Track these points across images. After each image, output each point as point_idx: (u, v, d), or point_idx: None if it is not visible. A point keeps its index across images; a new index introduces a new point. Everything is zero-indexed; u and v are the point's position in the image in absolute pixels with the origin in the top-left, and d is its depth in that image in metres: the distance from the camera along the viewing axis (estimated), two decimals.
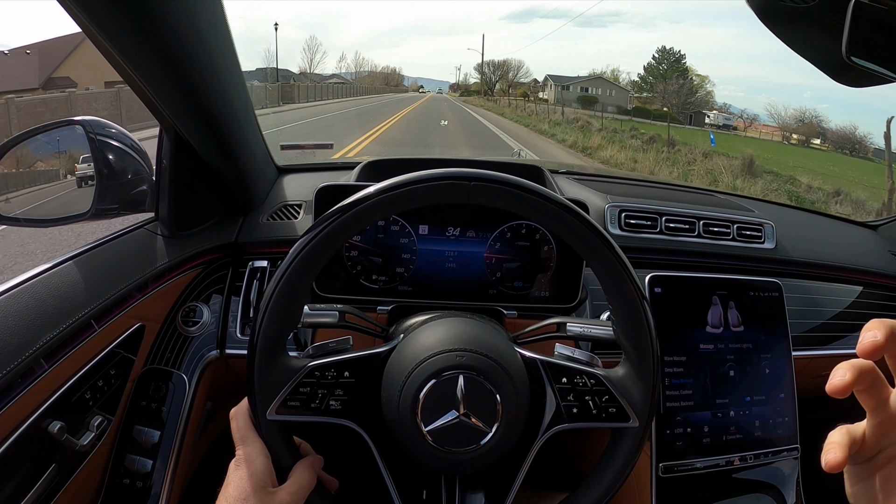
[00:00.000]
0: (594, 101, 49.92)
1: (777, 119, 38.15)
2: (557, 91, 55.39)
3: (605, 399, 0.61)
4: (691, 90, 45.24)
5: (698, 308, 0.91)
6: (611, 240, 0.58)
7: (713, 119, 42.91)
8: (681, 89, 44.29)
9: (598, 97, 51.50)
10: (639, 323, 0.60)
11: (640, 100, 50.73)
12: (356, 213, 0.55)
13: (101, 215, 0.88)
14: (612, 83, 54.39)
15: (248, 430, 0.59)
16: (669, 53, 50.56)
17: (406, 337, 0.64)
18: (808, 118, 35.87)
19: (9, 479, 0.63)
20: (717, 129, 36.67)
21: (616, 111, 44.28)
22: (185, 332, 0.91)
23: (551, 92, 56.60)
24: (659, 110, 42.71)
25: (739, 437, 0.90)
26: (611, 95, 52.16)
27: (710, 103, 47.55)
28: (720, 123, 41.53)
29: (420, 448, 0.58)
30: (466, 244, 0.90)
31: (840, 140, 29.28)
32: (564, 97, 52.42)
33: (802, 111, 37.81)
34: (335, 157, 2.12)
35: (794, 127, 35.21)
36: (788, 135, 33.46)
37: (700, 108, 44.70)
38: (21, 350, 0.64)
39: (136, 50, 0.67)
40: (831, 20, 0.64)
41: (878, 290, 1.26)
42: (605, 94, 52.51)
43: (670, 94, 44.22)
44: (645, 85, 51.43)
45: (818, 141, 31.66)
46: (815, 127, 34.06)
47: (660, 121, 32.92)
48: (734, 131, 38.53)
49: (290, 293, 0.57)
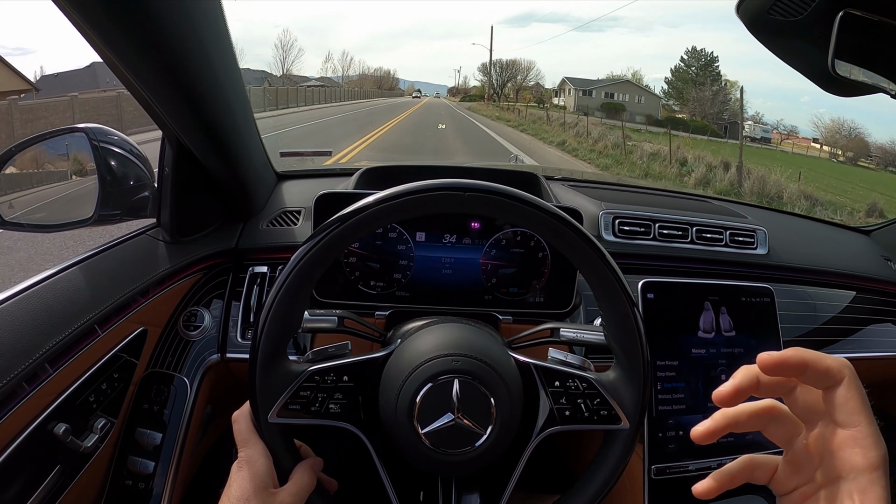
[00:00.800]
0: (620, 108, 43.73)
1: (822, 131, 34.22)
2: (577, 96, 48.51)
3: (597, 402, 0.63)
4: (726, 97, 40.90)
5: (690, 313, 0.93)
6: (601, 248, 0.60)
7: (750, 130, 38.91)
8: (715, 97, 40.38)
9: (624, 104, 45.52)
10: (629, 329, 0.62)
11: (667, 108, 46.42)
12: (355, 223, 0.57)
13: (104, 221, 0.89)
14: (640, 88, 48.36)
15: (250, 433, 0.60)
16: (701, 55, 45.38)
17: (403, 342, 0.66)
18: (847, 130, 32.19)
19: (15, 480, 0.64)
20: (755, 143, 32.78)
21: (645, 121, 38.92)
22: (186, 336, 0.92)
23: (570, 97, 49.71)
24: (695, 121, 37.75)
25: (731, 440, 0.92)
26: (639, 102, 46.42)
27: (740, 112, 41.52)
28: (758, 136, 38.34)
29: (417, 450, 0.59)
30: (462, 251, 0.92)
31: (886, 156, 26.63)
32: (585, 104, 45.85)
33: (839, 122, 34.24)
34: (328, 164, 2.13)
35: (843, 143, 32.03)
36: (835, 151, 30.21)
37: (736, 119, 37.89)
38: (27, 355, 0.65)
39: (139, 60, 0.69)
40: (819, 32, 0.66)
41: (871, 294, 1.27)
42: (632, 100, 46.55)
43: (705, 101, 39.95)
44: (672, 91, 46.76)
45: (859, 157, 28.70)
46: (864, 142, 31.20)
47: (698, 134, 29.00)
48: (768, 144, 34.44)
49: (291, 300, 0.58)
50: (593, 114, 35.27)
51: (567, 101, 50.27)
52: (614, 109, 43.10)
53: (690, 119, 39.19)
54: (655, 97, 46.16)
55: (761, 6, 0.71)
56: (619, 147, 17.04)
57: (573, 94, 49.45)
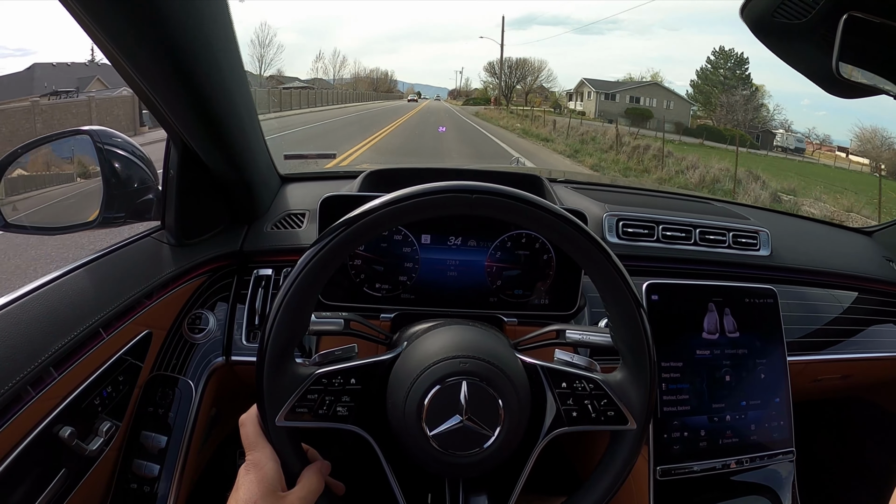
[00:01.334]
0: (647, 115, 37.43)
1: (863, 142, 30.17)
2: (598, 100, 42.03)
3: (604, 403, 0.63)
4: (757, 103, 36.88)
5: (695, 315, 0.93)
6: (608, 249, 0.60)
7: (782, 140, 35.52)
8: (747, 103, 36.23)
9: (651, 110, 38.92)
10: (635, 329, 0.62)
11: (693, 114, 40.67)
12: (362, 225, 0.57)
13: (108, 224, 0.89)
14: (669, 91, 41.43)
15: (258, 437, 0.60)
16: (730, 55, 40.68)
17: (410, 344, 0.66)
18: (880, 139, 28.61)
19: (20, 484, 0.64)
20: (788, 153, 29.54)
21: (675, 129, 32.17)
22: (191, 339, 0.92)
23: (589, 101, 43.43)
24: (730, 131, 32.21)
25: (736, 441, 0.92)
26: (668, 108, 39.46)
27: (768, 119, 37.79)
28: (791, 146, 34.23)
29: (425, 452, 0.59)
30: (467, 253, 0.92)
31: None
32: (608, 109, 40.22)
33: (871, 130, 30.06)
34: (331, 166, 2.11)
35: (886, 156, 27.56)
36: (877, 164, 25.07)
37: (769, 127, 36.50)
38: (32, 358, 0.65)
39: (148, 61, 0.69)
40: (823, 35, 0.67)
41: (873, 295, 1.27)
42: (660, 105, 39.81)
43: (735, 107, 35.68)
44: (699, 95, 41.26)
45: None
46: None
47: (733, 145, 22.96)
48: (802, 154, 31.89)
49: (299, 303, 0.58)
50: (617, 121, 30.80)
51: (586, 106, 43.87)
52: (641, 116, 36.91)
53: (725, 129, 33.75)
54: (686, 102, 39.95)
55: (766, 9, 0.71)
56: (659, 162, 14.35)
57: (594, 97, 43.11)
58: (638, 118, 36.04)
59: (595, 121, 30.74)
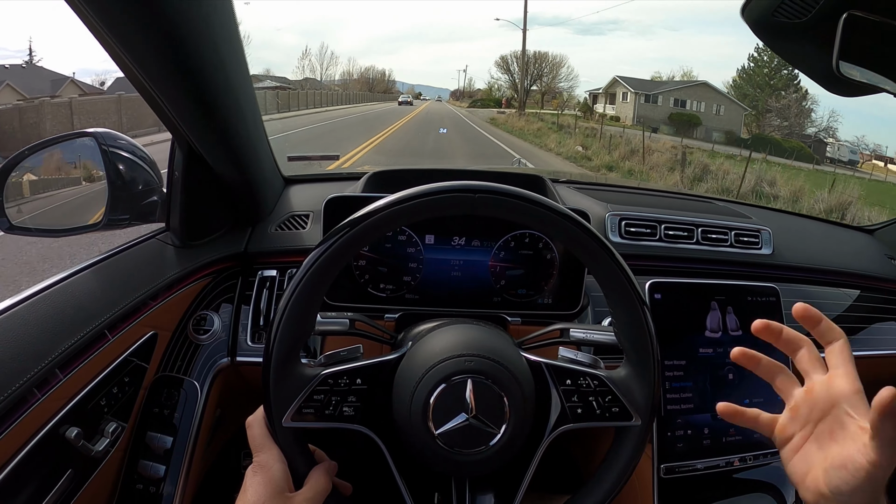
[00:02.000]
0: (695, 122, 31.69)
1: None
2: (637, 103, 34.86)
3: (608, 399, 0.63)
4: (806, 108, 32.00)
5: (697, 313, 0.93)
6: (612, 248, 0.60)
7: (834, 151, 30.86)
8: (802, 109, 31.69)
9: (699, 116, 32.67)
10: (639, 327, 0.62)
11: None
12: (367, 226, 0.57)
13: (113, 225, 0.90)
14: (719, 94, 34.79)
15: (265, 438, 0.61)
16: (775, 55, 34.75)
17: (415, 344, 0.66)
18: None
19: (27, 484, 0.64)
20: (840, 165, 25.77)
21: (725, 139, 27.00)
22: (196, 340, 0.93)
23: (626, 105, 36.21)
24: (789, 142, 28.08)
25: (739, 439, 0.92)
26: (718, 114, 33.20)
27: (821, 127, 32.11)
28: (844, 158, 29.77)
29: (431, 451, 0.59)
30: (471, 253, 0.92)
31: None
32: (648, 114, 32.78)
33: None
34: (333, 167, 2.10)
35: None
36: None
37: (821, 136, 31.55)
38: (39, 359, 0.66)
39: (154, 63, 0.69)
40: (823, 34, 0.67)
41: (875, 293, 1.27)
42: (708, 110, 33.22)
43: (788, 113, 30.97)
44: (743, 99, 35.35)
45: None
46: None
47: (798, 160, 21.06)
48: (856, 167, 27.01)
49: (304, 303, 0.58)
50: (657, 127, 25.91)
51: (622, 110, 36.54)
52: (687, 123, 30.68)
53: (785, 140, 28.70)
54: (738, 107, 32.91)
55: (766, 8, 0.71)
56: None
57: (631, 99, 35.89)
58: (684, 125, 30.46)
59: (634, 128, 23.89)
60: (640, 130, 19.19)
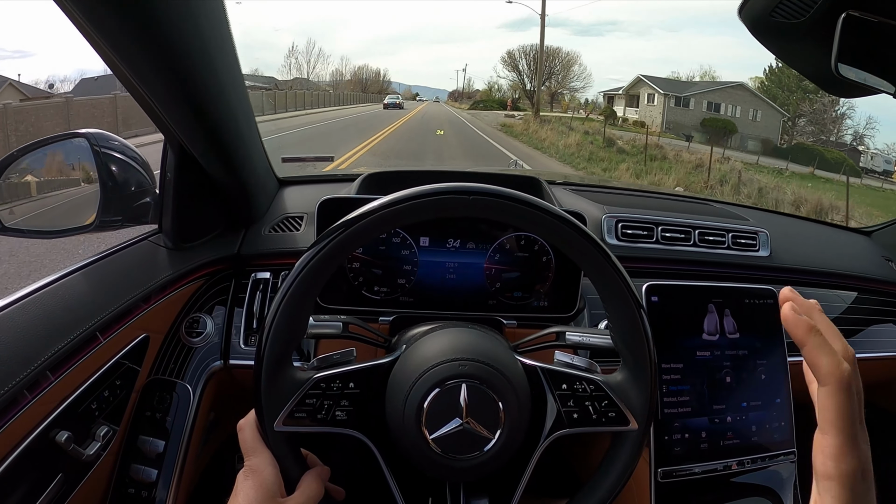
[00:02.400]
0: (730, 129, 27.91)
1: None
2: (667, 106, 30.35)
3: (605, 404, 0.62)
4: (838, 114, 29.13)
5: (695, 316, 0.93)
6: (608, 251, 0.60)
7: (868, 161, 27.98)
8: (838, 115, 28.68)
9: (735, 122, 28.75)
10: (636, 331, 0.61)
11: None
12: (360, 228, 0.57)
13: (105, 227, 0.89)
14: (756, 96, 30.76)
15: (257, 442, 0.60)
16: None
17: (409, 347, 0.66)
18: None
19: (17, 489, 0.63)
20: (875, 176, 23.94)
21: (761, 149, 23.64)
22: (188, 342, 0.92)
23: (652, 107, 31.74)
24: (832, 152, 25.53)
25: (737, 443, 0.92)
26: (755, 119, 29.27)
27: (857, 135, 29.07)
28: (879, 168, 27.19)
29: (425, 456, 0.59)
30: (466, 255, 0.92)
31: None
32: (678, 120, 29.40)
33: None
34: (328, 169, 2.08)
35: None
36: None
37: (855, 144, 28.59)
38: (29, 362, 0.65)
39: (144, 64, 0.69)
40: (821, 34, 0.66)
41: (873, 295, 1.27)
42: (744, 115, 29.21)
43: (824, 119, 27.95)
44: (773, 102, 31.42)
45: None
46: None
47: (835, 171, 18.97)
48: (890, 178, 24.65)
49: (297, 306, 0.58)
50: (691, 136, 22.25)
51: (647, 114, 31.77)
52: (722, 130, 26.66)
53: (826, 150, 25.78)
54: (776, 112, 28.79)
55: (763, 9, 0.71)
56: None
57: (659, 102, 31.24)
58: (718, 133, 25.95)
59: (664, 135, 20.90)
60: (672, 138, 16.74)
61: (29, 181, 0.96)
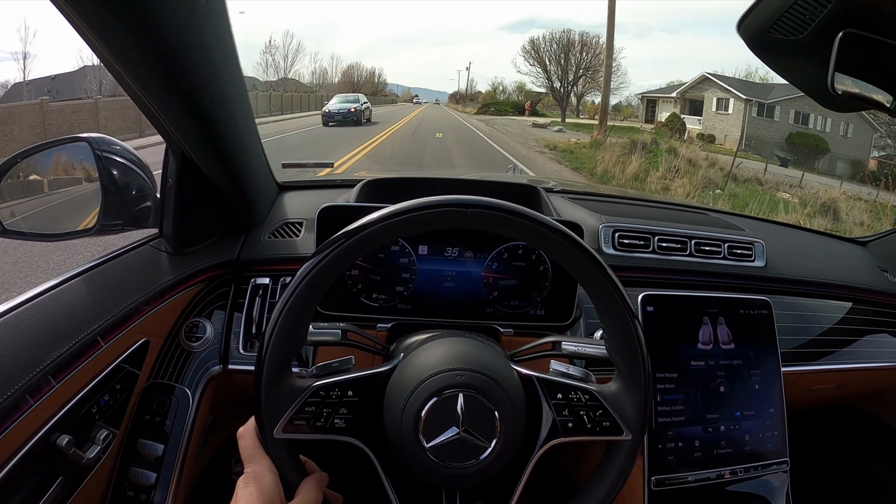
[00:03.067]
0: (822, 148, 21.00)
1: None
2: (748, 115, 22.54)
3: (599, 413, 0.63)
4: None
5: (689, 326, 0.94)
6: (602, 262, 0.61)
7: None
8: None
9: (825, 137, 21.40)
10: (630, 341, 0.62)
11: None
12: (360, 239, 0.58)
13: (106, 231, 0.89)
14: None
15: (256, 449, 0.60)
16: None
17: (407, 356, 0.66)
18: None
19: (17, 492, 0.64)
20: None
21: (850, 172, 16.98)
22: (188, 347, 0.93)
23: (728, 118, 23.49)
24: None
25: (730, 451, 0.93)
26: (846, 136, 21.88)
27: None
28: None
29: (422, 463, 0.59)
30: (464, 264, 0.92)
31: None
32: (760, 134, 22.11)
33: None
34: (324, 174, 2.07)
35: None
36: None
37: None
38: (31, 367, 0.66)
39: (146, 70, 0.69)
40: (819, 51, 0.67)
41: (867, 305, 1.28)
42: (834, 130, 21.71)
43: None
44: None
45: None
46: None
47: None
48: None
49: (296, 316, 0.59)
50: (787, 159, 17.51)
51: (716, 126, 24.01)
52: (813, 150, 20.66)
53: None
54: (868, 125, 21.33)
55: (762, 25, 0.72)
56: None
57: (737, 109, 23.21)
58: (808, 153, 20.32)
59: (747, 156, 15.36)
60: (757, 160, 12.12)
61: (31, 184, 0.97)
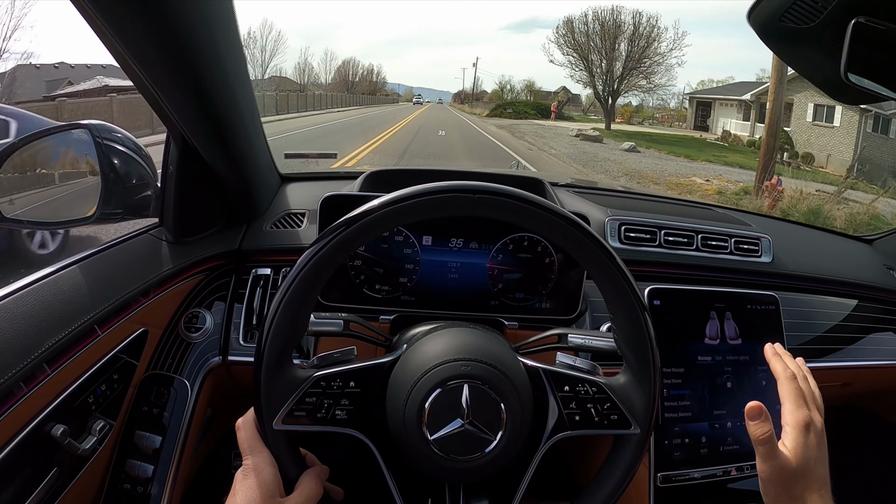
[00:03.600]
0: None
1: None
2: (863, 129, 16.41)
3: (607, 406, 0.62)
4: None
5: (696, 321, 0.93)
6: (613, 252, 0.59)
7: None
8: None
9: None
10: (640, 333, 0.61)
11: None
12: (363, 225, 0.56)
13: (106, 219, 0.88)
14: None
15: (255, 441, 0.59)
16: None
17: (410, 347, 0.65)
18: None
19: (11, 483, 0.63)
20: None
21: None
22: (187, 338, 0.91)
23: (831, 133, 17.60)
24: None
25: (736, 448, 0.91)
26: None
27: None
28: None
29: (425, 456, 0.58)
30: (469, 255, 0.91)
31: None
32: (875, 156, 15.60)
33: None
34: (332, 167, 2.06)
35: None
36: None
37: None
38: (25, 354, 0.64)
39: (152, 56, 0.68)
40: (831, 40, 0.66)
41: (873, 303, 1.27)
42: None
43: None
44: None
45: None
46: None
47: None
48: None
49: (297, 304, 0.57)
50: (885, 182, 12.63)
51: (813, 139, 18.83)
52: None
53: None
54: None
55: (773, 13, 0.70)
56: None
57: (847, 122, 17.67)
58: None
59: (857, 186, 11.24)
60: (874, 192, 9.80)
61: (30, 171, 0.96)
